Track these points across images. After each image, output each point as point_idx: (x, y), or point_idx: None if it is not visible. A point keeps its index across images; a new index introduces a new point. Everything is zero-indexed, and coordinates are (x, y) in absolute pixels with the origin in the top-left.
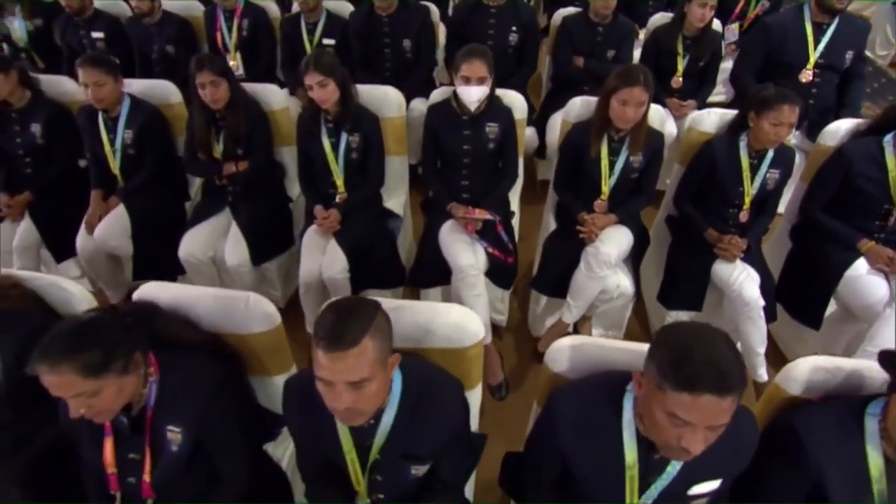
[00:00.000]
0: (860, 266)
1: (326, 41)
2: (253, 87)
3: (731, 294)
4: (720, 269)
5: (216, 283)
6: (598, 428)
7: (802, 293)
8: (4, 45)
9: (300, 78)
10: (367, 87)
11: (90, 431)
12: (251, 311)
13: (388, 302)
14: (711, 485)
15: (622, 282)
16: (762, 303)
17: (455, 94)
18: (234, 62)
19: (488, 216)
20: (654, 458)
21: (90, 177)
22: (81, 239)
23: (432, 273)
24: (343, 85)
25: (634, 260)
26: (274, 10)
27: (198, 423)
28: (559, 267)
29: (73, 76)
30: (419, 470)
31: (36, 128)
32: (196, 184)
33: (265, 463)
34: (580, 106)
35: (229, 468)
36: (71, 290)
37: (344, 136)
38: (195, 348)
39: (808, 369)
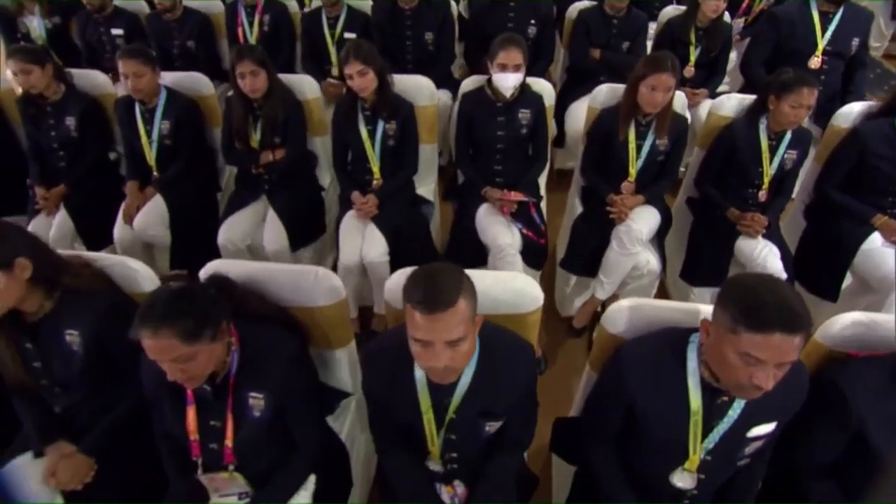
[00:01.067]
0: (875, 240)
1: (348, 35)
2: (288, 78)
3: (756, 268)
4: (743, 244)
5: None
6: (664, 377)
7: (819, 268)
8: (23, 44)
9: (341, 69)
10: (399, 77)
11: (172, 401)
12: (320, 285)
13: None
14: (767, 427)
15: (650, 259)
16: (785, 275)
17: (489, 81)
18: None
19: (524, 198)
20: (717, 404)
21: (125, 168)
22: (119, 229)
23: (466, 255)
24: (381, 74)
25: (659, 239)
26: (293, 5)
27: (278, 390)
28: (588, 247)
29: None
30: (493, 427)
31: (70, 121)
32: (227, 174)
33: (327, 434)
34: (606, 92)
35: (304, 436)
36: (137, 269)
37: (381, 124)
38: (267, 320)
39: (845, 324)
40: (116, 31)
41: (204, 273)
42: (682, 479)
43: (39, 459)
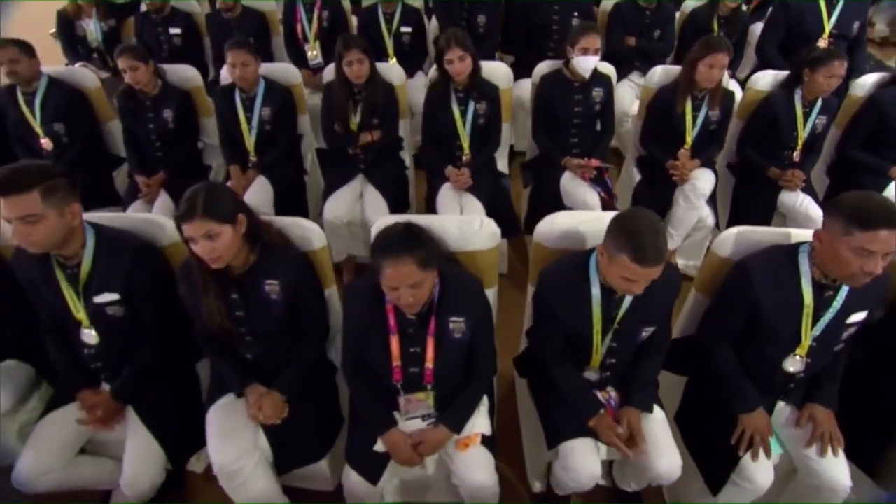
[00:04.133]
0: (892, 188)
1: (404, 29)
2: (378, 66)
3: (798, 217)
4: (785, 197)
5: (354, 241)
6: (782, 279)
7: None
8: (79, 47)
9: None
10: (483, 63)
11: (376, 334)
12: (483, 231)
13: (595, 214)
14: (861, 315)
15: (709, 213)
16: None
17: (566, 64)
18: (314, 51)
19: (601, 164)
20: (824, 297)
21: (224, 153)
22: None
23: None
24: (475, 59)
25: (710, 197)
26: (346, 2)
27: (474, 316)
28: (650, 207)
29: None
30: (647, 332)
31: (168, 113)
32: (309, 159)
33: None
34: (660, 73)
35: (485, 360)
36: (310, 227)
37: (472, 105)
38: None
39: None
40: (174, 31)
41: (381, 224)
42: (794, 364)
43: (240, 399)
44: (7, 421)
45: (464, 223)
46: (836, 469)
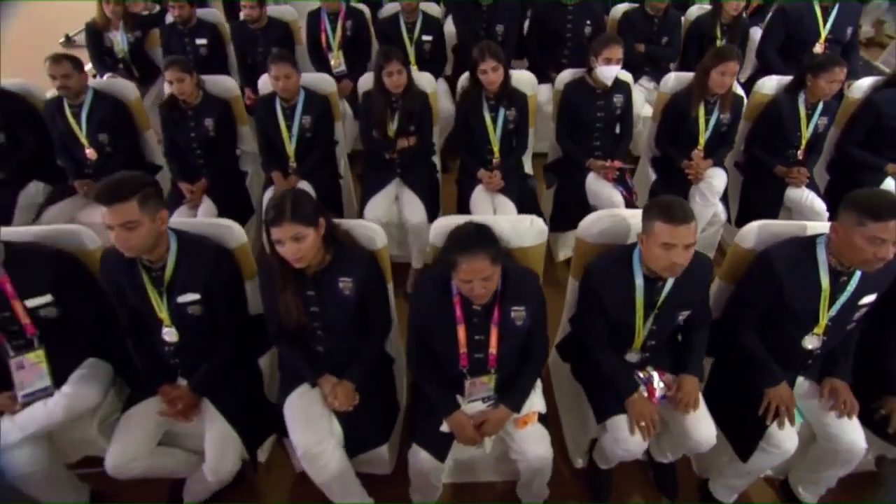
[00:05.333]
0: (889, 183)
1: (425, 38)
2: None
3: (804, 210)
4: (791, 193)
5: (390, 241)
6: (802, 266)
7: None
8: (106, 58)
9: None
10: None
11: (444, 324)
12: (532, 229)
13: (629, 212)
14: (872, 297)
15: (722, 209)
16: (828, 214)
17: (589, 72)
18: (337, 60)
19: (623, 166)
20: (840, 282)
21: (263, 160)
22: None
23: (569, 219)
24: (506, 68)
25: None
26: (367, 12)
27: (532, 305)
28: None
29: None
30: (684, 315)
31: (209, 122)
32: (342, 164)
33: None
34: (674, 80)
35: (539, 346)
36: (373, 228)
37: (502, 111)
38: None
39: None
40: (200, 41)
41: (445, 225)
42: (812, 342)
43: (313, 390)
44: (89, 415)
45: (516, 222)
46: (853, 434)
